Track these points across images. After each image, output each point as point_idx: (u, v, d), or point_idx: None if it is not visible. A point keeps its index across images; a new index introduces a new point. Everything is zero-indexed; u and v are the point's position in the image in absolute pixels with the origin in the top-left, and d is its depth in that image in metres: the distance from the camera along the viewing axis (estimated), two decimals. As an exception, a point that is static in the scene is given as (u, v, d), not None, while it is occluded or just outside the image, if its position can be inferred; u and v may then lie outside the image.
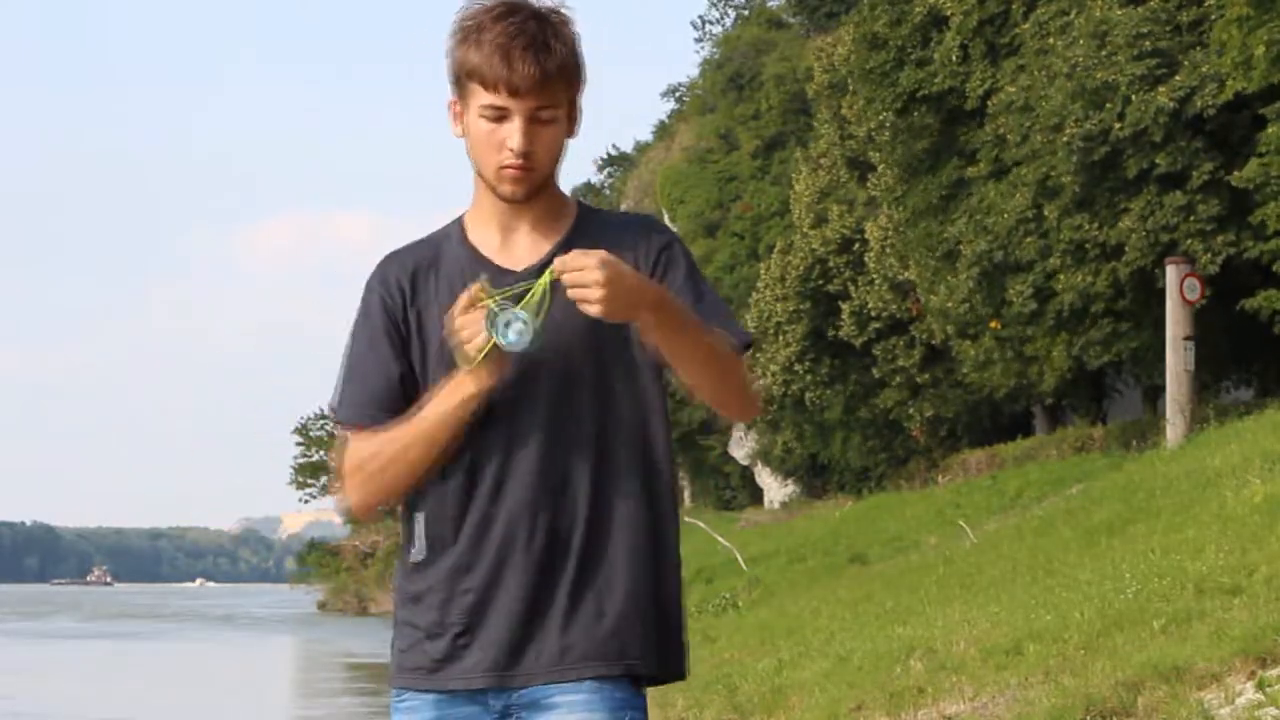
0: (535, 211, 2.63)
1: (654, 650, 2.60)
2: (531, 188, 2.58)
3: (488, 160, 2.58)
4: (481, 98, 2.54)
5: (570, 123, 2.61)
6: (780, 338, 37.63)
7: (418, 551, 2.61)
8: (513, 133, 2.54)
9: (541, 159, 2.57)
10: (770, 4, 60.38)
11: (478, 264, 2.60)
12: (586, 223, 2.66)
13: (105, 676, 28.92)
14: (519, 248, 2.63)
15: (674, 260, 2.65)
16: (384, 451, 2.56)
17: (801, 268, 37.37)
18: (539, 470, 2.56)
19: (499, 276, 2.57)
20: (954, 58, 27.29)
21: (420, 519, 2.61)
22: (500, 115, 2.54)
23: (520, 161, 2.55)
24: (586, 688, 2.56)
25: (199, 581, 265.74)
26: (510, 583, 2.55)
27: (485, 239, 2.64)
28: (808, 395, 37.29)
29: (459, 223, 2.68)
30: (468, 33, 2.55)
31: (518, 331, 2.47)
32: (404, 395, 2.61)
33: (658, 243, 2.66)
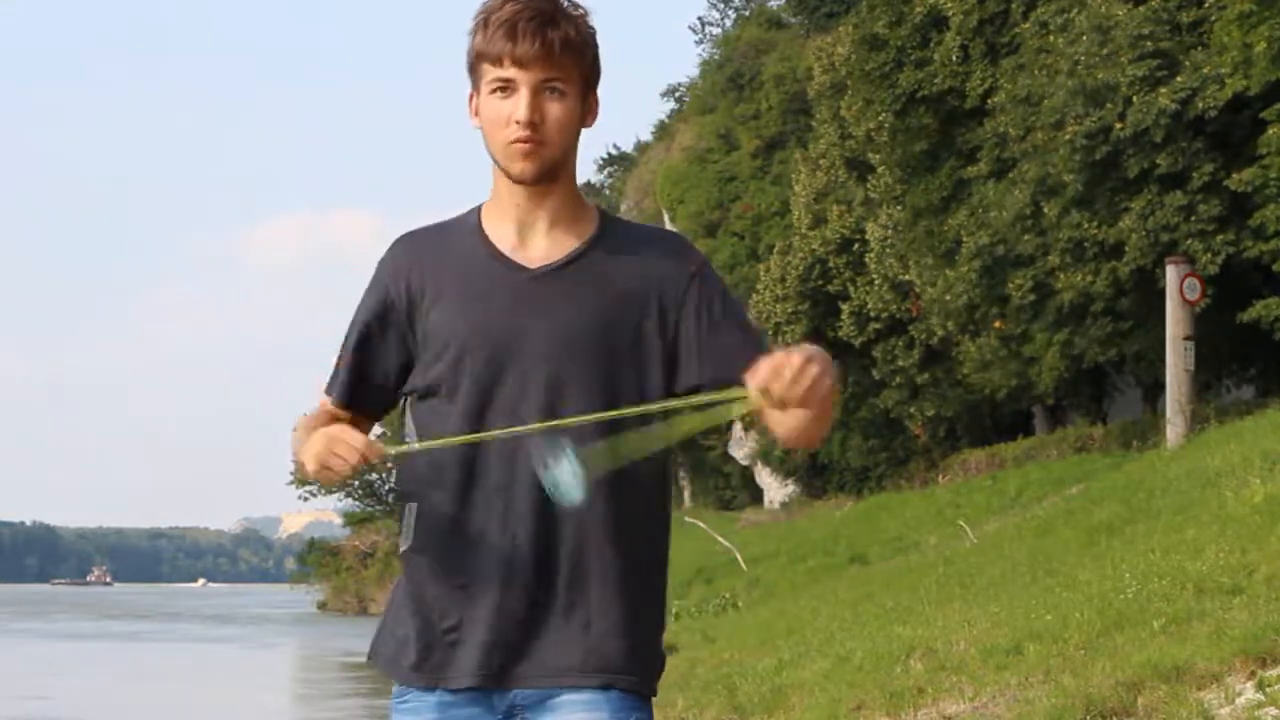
0: (553, 206, 2.59)
1: (643, 665, 2.59)
2: (542, 165, 2.54)
3: (497, 138, 2.55)
4: (489, 74, 2.54)
5: (584, 107, 2.59)
6: (780, 338, 37.64)
7: (404, 539, 2.61)
8: (519, 104, 2.52)
9: (551, 133, 2.53)
10: (770, 4, 60.40)
11: (491, 259, 2.59)
12: (610, 231, 2.63)
13: (108, 677, 28.91)
14: (535, 247, 2.59)
15: (708, 287, 2.61)
16: (297, 438, 2.64)
17: (801, 268, 37.40)
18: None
19: (510, 271, 2.57)
20: (954, 58, 27.30)
21: (412, 509, 2.59)
22: (507, 88, 2.53)
23: (527, 133, 2.52)
24: (590, 690, 2.54)
25: (201, 581, 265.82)
26: (511, 584, 2.52)
27: (501, 234, 2.60)
28: (805, 398, 37.28)
29: (476, 212, 2.66)
30: (481, 20, 2.56)
31: (569, 482, 2.38)
32: (396, 382, 2.65)
33: (689, 267, 2.61)
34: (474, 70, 2.58)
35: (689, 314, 2.58)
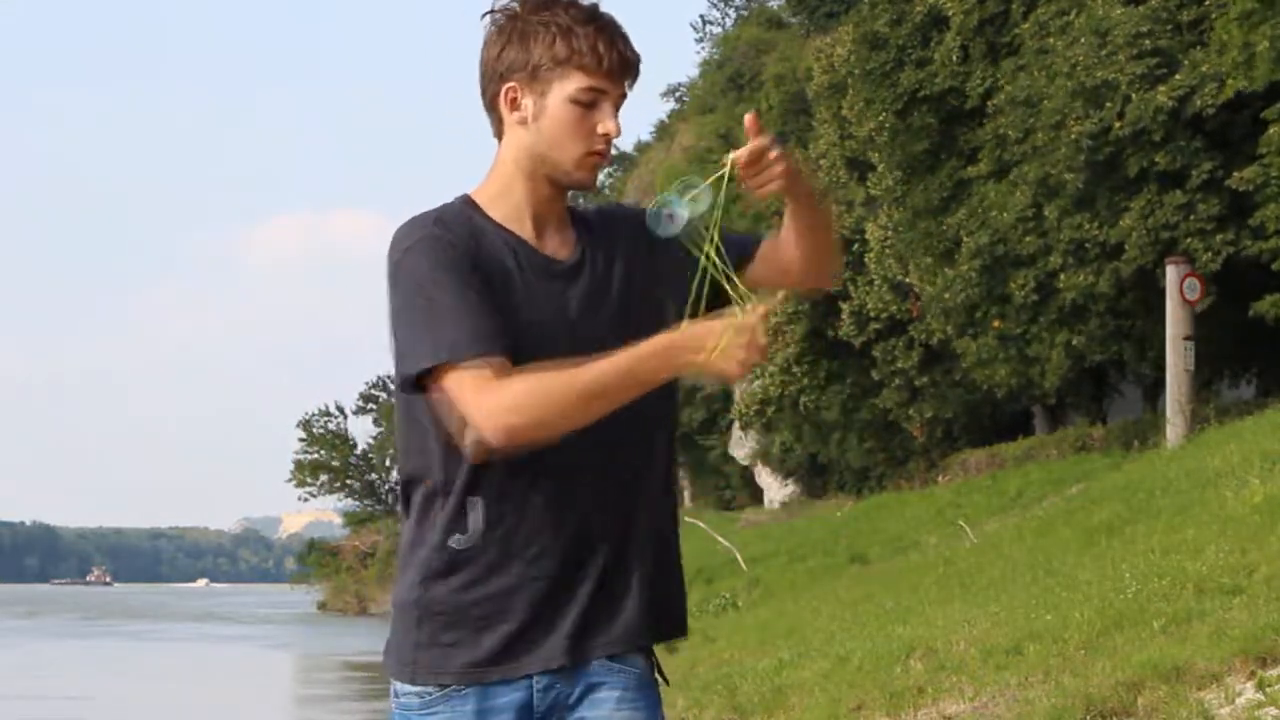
0: (563, 204, 2.61)
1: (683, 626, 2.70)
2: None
3: (571, 148, 2.54)
4: (578, 82, 2.52)
5: None
6: (779, 338, 37.61)
7: (468, 538, 2.51)
8: (606, 117, 2.54)
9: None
10: (770, 4, 60.41)
11: (525, 250, 2.55)
12: (579, 216, 2.66)
13: (113, 677, 28.92)
14: (550, 242, 2.59)
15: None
16: (569, 390, 2.40)
17: (801, 268, 37.36)
18: (612, 456, 2.53)
19: (547, 263, 2.56)
20: (954, 58, 27.29)
21: (477, 503, 2.50)
22: (594, 100, 2.53)
23: (605, 147, 2.55)
24: (635, 682, 2.58)
25: (203, 581, 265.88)
26: (588, 569, 2.54)
27: (522, 228, 2.58)
28: (804, 399, 37.28)
29: (472, 205, 2.59)
30: (542, 21, 2.52)
31: (690, 207, 2.46)
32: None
33: (640, 221, 2.65)
34: (543, 73, 2.53)
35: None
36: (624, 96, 2.57)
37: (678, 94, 67.02)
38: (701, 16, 77.75)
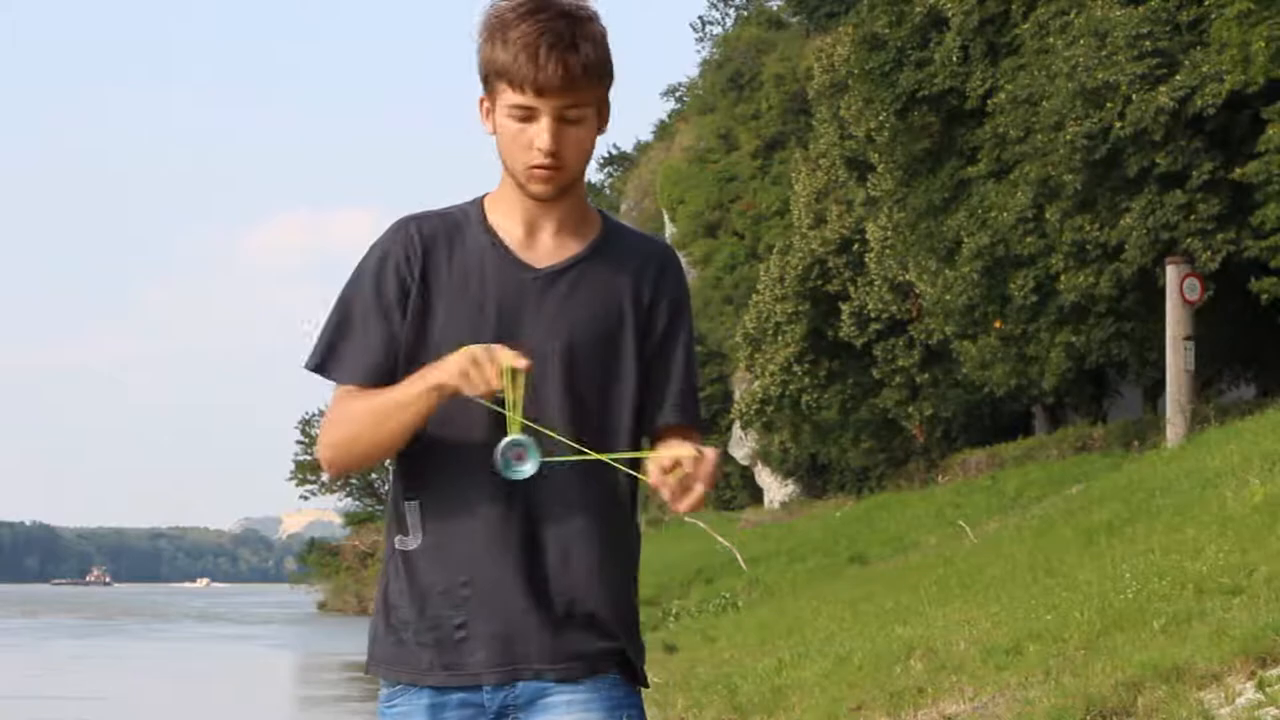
0: (561, 212, 2.61)
1: (636, 654, 2.63)
2: (560, 187, 2.57)
3: (516, 159, 2.55)
4: (509, 97, 2.52)
5: (600, 120, 2.59)
6: (780, 338, 37.61)
7: (412, 540, 2.58)
8: (540, 132, 2.52)
9: (570, 158, 2.55)
10: (770, 4, 60.44)
11: (499, 253, 2.59)
12: (612, 237, 2.65)
13: (113, 677, 28.92)
14: (541, 247, 2.61)
15: (681, 322, 2.68)
16: (359, 420, 2.54)
17: (800, 268, 37.37)
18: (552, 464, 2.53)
19: (516, 269, 2.58)
20: (954, 58, 27.26)
21: (415, 506, 2.58)
22: (528, 115, 2.52)
23: (549, 161, 2.53)
24: (584, 686, 2.56)
25: (203, 581, 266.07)
26: (515, 577, 2.54)
27: (508, 231, 2.61)
28: (804, 398, 37.28)
29: (479, 205, 2.66)
30: (494, 31, 2.53)
31: (530, 467, 2.47)
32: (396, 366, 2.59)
33: (674, 291, 2.67)
34: (488, 82, 2.56)
35: (679, 341, 2.67)
36: (573, 106, 2.52)
37: (678, 94, 67.13)
38: (701, 17, 77.73)
